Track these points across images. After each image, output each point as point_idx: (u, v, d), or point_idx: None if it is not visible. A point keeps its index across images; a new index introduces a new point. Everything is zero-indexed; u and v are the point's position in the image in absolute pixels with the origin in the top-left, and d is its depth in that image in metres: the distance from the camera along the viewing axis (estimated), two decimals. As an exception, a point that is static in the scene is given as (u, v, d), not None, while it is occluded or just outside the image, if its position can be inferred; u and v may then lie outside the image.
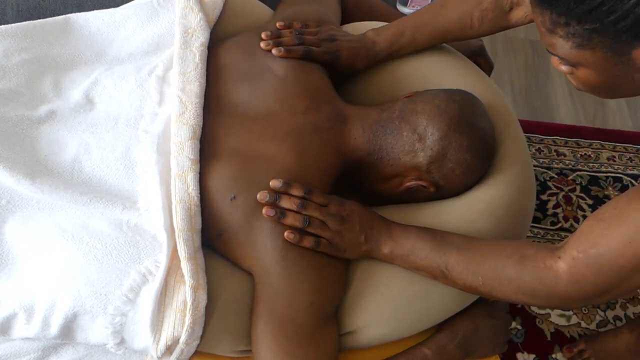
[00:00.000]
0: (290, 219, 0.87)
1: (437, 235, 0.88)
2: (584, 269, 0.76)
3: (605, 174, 1.79)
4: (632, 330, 1.27)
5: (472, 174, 0.97)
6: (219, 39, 1.06)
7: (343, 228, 0.88)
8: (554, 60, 0.76)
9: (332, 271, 0.90)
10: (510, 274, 0.82)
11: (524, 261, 0.81)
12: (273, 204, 0.87)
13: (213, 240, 0.91)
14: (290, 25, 1.04)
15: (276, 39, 1.01)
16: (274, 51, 0.98)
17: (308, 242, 0.87)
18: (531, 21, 0.93)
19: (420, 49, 1.08)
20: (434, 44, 1.08)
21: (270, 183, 0.88)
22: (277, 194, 0.87)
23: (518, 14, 1.00)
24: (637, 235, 0.71)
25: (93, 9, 1.09)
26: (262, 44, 0.99)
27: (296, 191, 0.88)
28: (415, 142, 0.94)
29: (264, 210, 0.86)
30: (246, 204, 0.87)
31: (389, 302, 0.92)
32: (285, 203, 0.87)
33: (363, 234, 0.89)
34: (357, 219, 0.90)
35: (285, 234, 0.86)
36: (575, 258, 0.76)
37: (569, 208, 1.71)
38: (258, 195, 0.87)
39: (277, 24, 1.04)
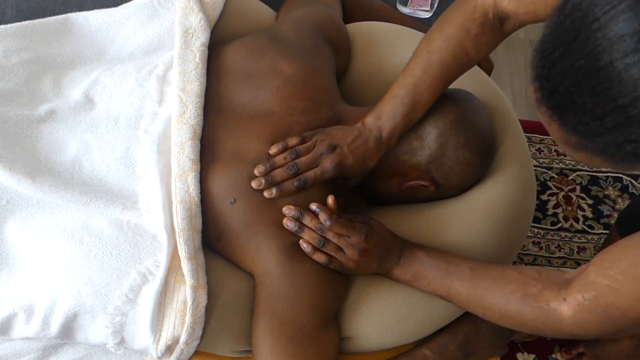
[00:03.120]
0: (307, 236, 0.87)
1: (442, 265, 0.88)
2: (590, 316, 0.74)
3: (605, 174, 1.79)
4: (632, 337, 1.27)
5: (472, 173, 0.97)
6: (220, 39, 1.06)
7: (361, 260, 0.88)
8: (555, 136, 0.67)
9: (334, 274, 0.90)
10: (512, 311, 0.81)
11: (527, 299, 0.79)
12: (296, 220, 0.88)
13: (213, 241, 0.91)
14: (285, 146, 0.92)
15: (268, 174, 0.89)
16: (265, 193, 0.88)
17: (320, 257, 0.88)
18: (525, 24, 0.88)
19: (429, 105, 0.94)
20: (441, 92, 0.94)
21: (310, 206, 0.89)
22: (302, 211, 0.88)
23: (510, 24, 0.90)
24: None
25: (93, 9, 1.09)
26: (253, 184, 0.88)
27: (323, 216, 0.88)
28: (413, 141, 0.94)
29: (284, 220, 0.87)
30: (246, 207, 0.88)
31: (392, 309, 0.92)
32: (307, 222, 0.88)
33: (378, 262, 0.90)
34: (376, 250, 0.89)
35: (301, 241, 0.87)
36: (580, 304, 0.74)
37: (569, 208, 1.71)
38: (284, 210, 0.88)
39: (270, 151, 0.91)
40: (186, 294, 0.84)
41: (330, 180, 0.93)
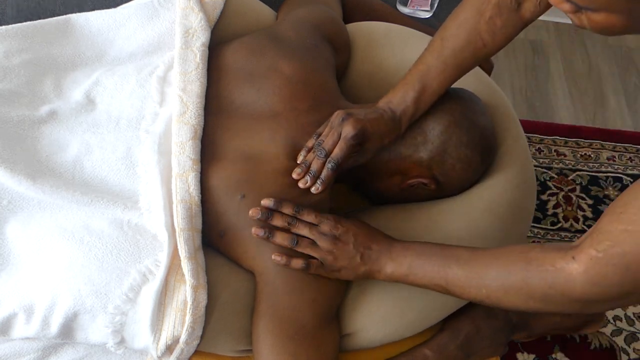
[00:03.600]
0: (279, 238, 0.86)
1: (437, 250, 0.84)
2: (605, 269, 0.67)
3: (605, 174, 1.79)
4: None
5: (473, 171, 0.97)
6: (220, 39, 1.06)
7: (336, 248, 0.85)
8: None
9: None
10: (516, 281, 0.75)
11: (530, 266, 0.74)
12: (264, 222, 0.86)
13: (215, 239, 0.91)
14: (307, 149, 0.91)
15: (304, 165, 0.89)
16: (312, 190, 0.87)
17: (297, 263, 0.85)
18: (548, 6, 0.81)
19: (440, 95, 0.93)
20: (453, 82, 0.93)
21: (262, 202, 0.86)
22: (269, 211, 0.86)
23: (529, 5, 0.86)
24: None
25: (93, 9, 1.09)
26: (294, 175, 0.88)
27: (286, 209, 0.87)
28: (417, 136, 0.95)
29: (252, 230, 0.85)
30: (254, 203, 0.87)
31: (389, 303, 0.92)
32: (277, 221, 0.86)
33: (358, 254, 0.86)
34: (352, 238, 0.86)
35: (272, 256, 0.85)
36: (593, 258, 0.68)
37: (569, 208, 1.71)
38: (250, 212, 0.86)
39: (298, 160, 0.90)
40: (186, 294, 0.84)
41: (355, 148, 0.89)
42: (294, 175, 0.88)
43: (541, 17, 0.91)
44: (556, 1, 0.65)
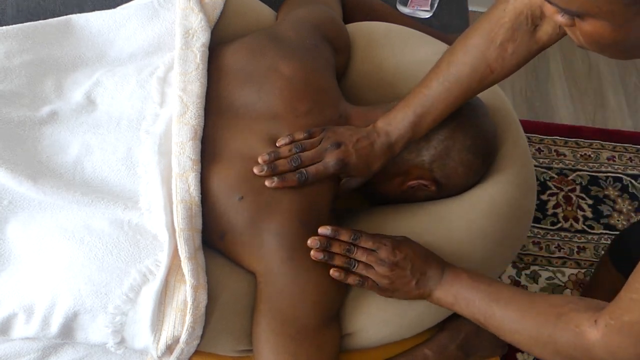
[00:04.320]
0: (338, 261, 0.87)
1: (483, 287, 0.84)
2: (619, 339, 0.67)
3: (605, 174, 1.79)
4: None
5: (474, 174, 0.98)
6: (220, 39, 1.06)
7: (392, 273, 0.86)
8: (548, 8, 0.60)
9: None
10: (544, 336, 0.75)
11: (559, 322, 0.73)
12: (323, 251, 0.86)
13: (216, 240, 0.91)
14: (292, 139, 0.91)
15: (272, 163, 0.89)
16: (266, 182, 0.87)
17: (353, 280, 0.87)
18: (563, 32, 0.75)
19: (440, 120, 0.91)
20: (455, 109, 0.90)
21: (320, 230, 0.87)
22: (328, 240, 0.87)
23: (547, 28, 0.79)
24: None
25: (93, 9, 1.09)
26: (255, 170, 0.88)
27: (344, 237, 0.87)
28: (420, 140, 0.94)
29: (312, 253, 0.86)
30: (253, 205, 0.88)
31: (390, 303, 0.92)
32: (336, 249, 0.87)
33: (414, 279, 0.86)
34: (409, 264, 0.86)
35: (331, 271, 0.86)
36: (607, 325, 0.67)
37: (569, 208, 1.71)
38: (309, 242, 0.86)
39: (277, 143, 0.91)
40: (186, 294, 0.84)
41: (332, 176, 0.92)
42: (260, 159, 0.88)
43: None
44: (550, 12, 0.61)
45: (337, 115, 0.97)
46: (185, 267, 0.85)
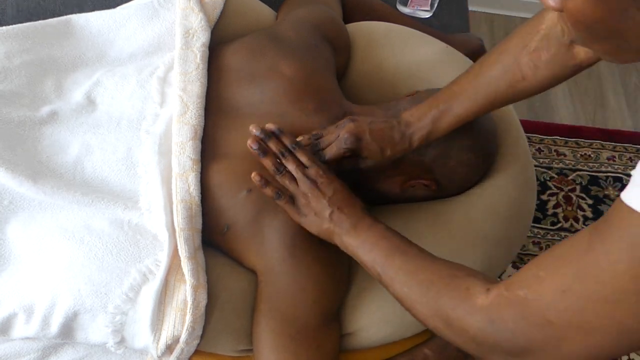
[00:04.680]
0: (267, 161, 0.87)
1: (394, 240, 0.80)
2: (504, 310, 0.61)
3: (605, 174, 1.79)
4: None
5: (474, 173, 0.98)
6: (220, 39, 1.06)
7: (312, 193, 0.85)
8: None
9: (337, 270, 0.90)
10: (432, 291, 0.70)
11: (452, 282, 0.69)
12: (261, 141, 0.87)
13: (218, 237, 0.91)
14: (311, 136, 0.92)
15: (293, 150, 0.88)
16: (251, 142, 0.87)
17: (271, 190, 0.85)
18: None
19: (464, 121, 0.89)
20: (481, 113, 0.88)
21: (267, 125, 0.88)
22: (270, 134, 0.87)
23: (583, 49, 0.75)
24: (575, 285, 0.55)
25: (93, 9, 1.10)
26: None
27: (286, 140, 0.88)
28: None
29: (248, 142, 0.86)
30: (260, 199, 0.88)
31: (390, 303, 0.91)
32: (272, 145, 0.87)
33: (330, 209, 0.84)
34: (330, 192, 0.85)
35: (252, 174, 0.85)
36: (500, 295, 0.62)
37: (569, 208, 1.71)
38: (250, 127, 0.87)
39: (298, 138, 0.90)
40: (186, 293, 0.84)
41: (348, 149, 0.89)
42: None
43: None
44: None
45: (342, 113, 0.97)
46: (185, 266, 0.85)
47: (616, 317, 0.53)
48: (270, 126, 0.88)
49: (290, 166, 0.87)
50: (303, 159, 0.87)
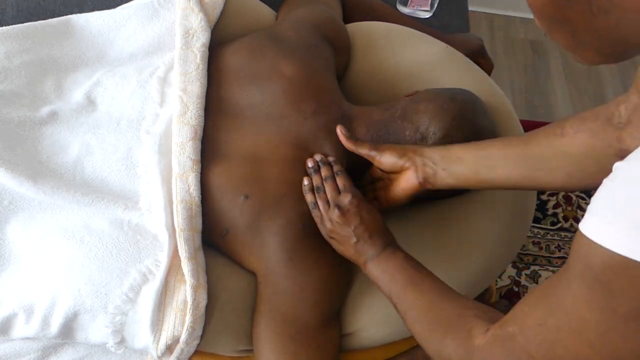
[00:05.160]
0: (315, 179, 0.90)
1: (410, 271, 0.81)
2: (496, 349, 0.62)
3: (605, 174, 1.79)
4: None
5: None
6: (220, 39, 1.06)
7: (339, 220, 0.85)
8: None
9: (337, 272, 0.90)
10: (439, 332, 0.72)
11: (457, 322, 0.70)
12: (315, 163, 0.91)
13: (218, 239, 0.91)
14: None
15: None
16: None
17: (310, 198, 0.89)
18: None
19: (491, 185, 0.86)
20: (514, 185, 0.85)
21: (315, 156, 0.92)
22: (320, 163, 0.91)
23: (632, 130, 0.72)
24: (549, 318, 0.56)
25: (93, 9, 1.10)
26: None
27: (336, 167, 0.90)
28: (417, 141, 0.94)
29: (308, 160, 0.91)
30: (257, 204, 0.88)
31: (390, 303, 0.92)
32: (323, 172, 0.90)
33: (356, 238, 0.85)
34: (357, 221, 0.85)
35: (304, 180, 0.89)
36: (494, 335, 0.63)
37: (569, 208, 1.71)
38: (307, 161, 0.91)
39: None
40: (186, 294, 0.84)
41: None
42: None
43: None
44: None
45: (340, 114, 0.97)
46: (185, 267, 0.85)
47: (580, 349, 0.53)
48: (316, 157, 0.92)
49: (327, 188, 0.88)
50: (340, 184, 0.88)
